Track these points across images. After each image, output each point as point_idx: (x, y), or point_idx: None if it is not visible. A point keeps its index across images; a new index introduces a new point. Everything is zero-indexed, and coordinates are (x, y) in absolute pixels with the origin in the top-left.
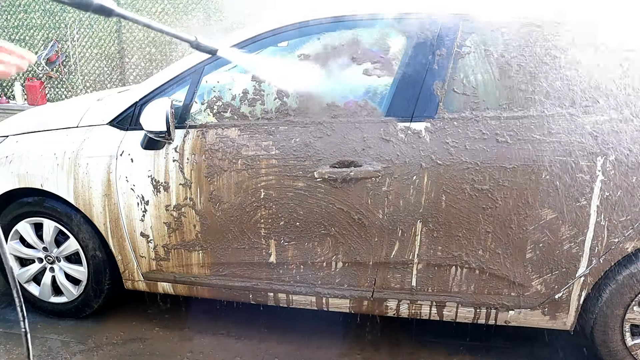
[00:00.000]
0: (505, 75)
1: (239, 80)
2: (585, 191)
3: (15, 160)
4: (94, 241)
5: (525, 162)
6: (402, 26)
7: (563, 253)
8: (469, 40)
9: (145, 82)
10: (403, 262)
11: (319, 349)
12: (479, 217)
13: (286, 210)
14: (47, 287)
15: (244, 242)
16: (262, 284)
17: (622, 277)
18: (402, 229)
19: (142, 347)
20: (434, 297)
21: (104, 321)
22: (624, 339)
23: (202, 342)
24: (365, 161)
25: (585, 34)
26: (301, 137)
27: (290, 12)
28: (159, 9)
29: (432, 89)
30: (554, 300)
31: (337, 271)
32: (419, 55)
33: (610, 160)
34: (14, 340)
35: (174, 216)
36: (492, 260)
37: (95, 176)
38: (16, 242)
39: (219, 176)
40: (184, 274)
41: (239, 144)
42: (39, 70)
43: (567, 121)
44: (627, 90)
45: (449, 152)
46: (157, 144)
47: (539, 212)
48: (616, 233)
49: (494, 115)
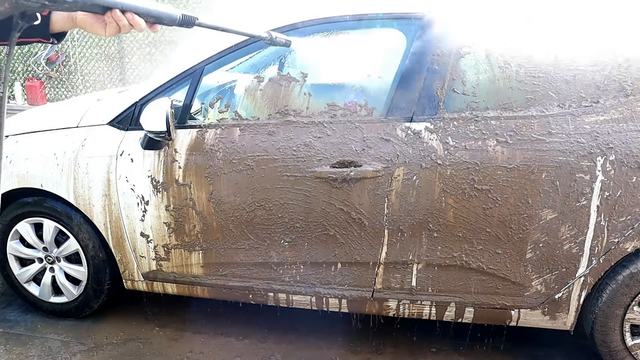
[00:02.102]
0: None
1: (239, 80)
2: (585, 191)
3: (15, 161)
4: (94, 241)
5: (525, 162)
6: (402, 26)
7: (563, 253)
8: (469, 40)
9: (145, 82)
10: (403, 262)
11: (319, 349)
12: (479, 217)
13: (286, 210)
14: (47, 287)
15: (244, 242)
16: (262, 284)
17: (622, 277)
18: (402, 229)
19: (142, 347)
20: (434, 297)
21: (104, 321)
22: (624, 339)
23: (202, 342)
24: (365, 161)
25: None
26: (301, 137)
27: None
28: None
29: (432, 89)
30: (554, 300)
31: (337, 271)
32: (419, 55)
33: (610, 160)
34: (14, 340)
35: (174, 216)
36: (492, 260)
37: (95, 176)
38: (16, 242)
39: (219, 176)
40: (184, 274)
41: (239, 144)
42: (39, 70)
43: (567, 121)
44: None
45: (449, 152)
46: (157, 144)
47: (539, 212)
48: (616, 233)
49: (494, 115)
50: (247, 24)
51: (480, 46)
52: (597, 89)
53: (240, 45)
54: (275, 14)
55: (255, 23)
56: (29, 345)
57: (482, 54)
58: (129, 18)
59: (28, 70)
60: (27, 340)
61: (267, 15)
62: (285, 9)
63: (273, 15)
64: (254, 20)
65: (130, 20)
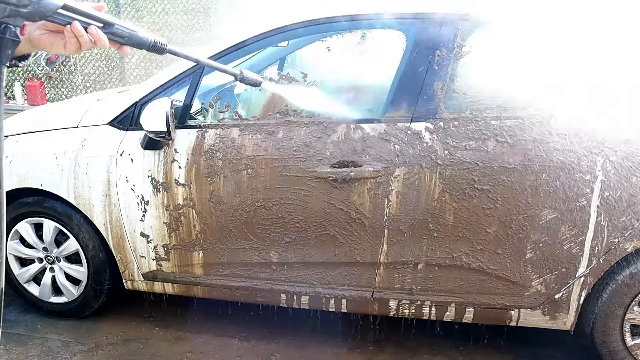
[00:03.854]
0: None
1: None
2: (585, 191)
3: (15, 160)
4: (94, 241)
5: (525, 162)
6: (402, 26)
7: (563, 253)
8: (469, 40)
9: (145, 82)
10: (403, 262)
11: (319, 349)
12: (479, 217)
13: (286, 210)
14: (47, 287)
15: (244, 242)
16: (262, 284)
17: (622, 277)
18: (402, 229)
19: (142, 347)
20: (434, 298)
21: (104, 321)
22: (624, 339)
23: (202, 342)
24: (365, 161)
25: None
26: (301, 137)
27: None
28: (159, 9)
29: (432, 89)
30: (554, 300)
31: (337, 271)
32: (419, 55)
33: (611, 160)
34: (14, 340)
35: (174, 216)
36: (492, 260)
37: (95, 176)
38: (16, 242)
39: (219, 176)
40: (183, 274)
41: (239, 144)
42: (39, 70)
43: (567, 121)
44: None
45: (449, 152)
46: (157, 144)
47: (539, 212)
48: (616, 233)
49: (494, 115)
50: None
51: (480, 46)
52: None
53: (241, 45)
54: (274, 14)
55: (253, 23)
56: (29, 345)
57: (483, 54)
58: (92, 33)
59: (28, 70)
60: (27, 340)
61: (266, 15)
62: (285, 9)
63: (272, 16)
64: (253, 20)
65: (93, 36)
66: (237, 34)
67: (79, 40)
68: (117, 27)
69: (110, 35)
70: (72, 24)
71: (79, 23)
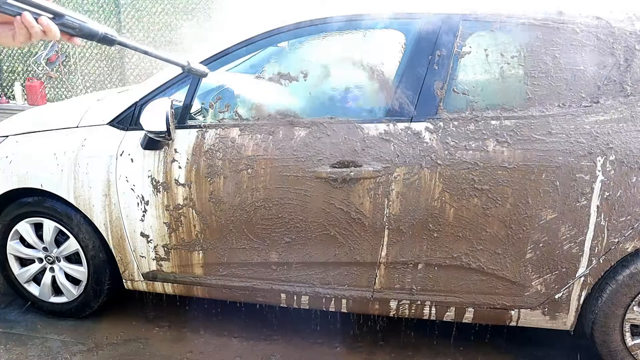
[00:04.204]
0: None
1: (239, 80)
2: (585, 191)
3: (15, 160)
4: (94, 241)
5: (525, 162)
6: (402, 26)
7: (563, 253)
8: (469, 39)
9: (145, 82)
10: (403, 262)
11: (319, 349)
12: (479, 217)
13: (286, 210)
14: (47, 287)
15: (244, 242)
16: (261, 284)
17: (622, 277)
18: (402, 229)
19: (142, 347)
20: (434, 298)
21: (104, 321)
22: (624, 339)
23: (202, 342)
24: (365, 161)
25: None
26: (301, 137)
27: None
28: (159, 9)
29: (432, 89)
30: (554, 300)
31: (337, 271)
32: (418, 54)
33: (610, 160)
34: (14, 340)
35: (174, 216)
36: (492, 260)
37: (95, 176)
38: (16, 242)
39: (219, 176)
40: (183, 274)
41: (239, 144)
42: (39, 70)
43: (567, 121)
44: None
45: (449, 152)
46: (157, 144)
47: (539, 212)
48: (616, 233)
49: (494, 115)
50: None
51: (480, 45)
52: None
53: (241, 45)
54: (275, 13)
55: (252, 23)
56: (29, 345)
57: (483, 54)
58: (43, 24)
59: (28, 70)
60: (27, 340)
61: (266, 15)
62: (285, 9)
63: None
64: (253, 19)
65: (44, 27)
66: (244, 30)
67: (29, 31)
68: (68, 18)
69: (61, 26)
70: (22, 14)
71: (29, 14)
